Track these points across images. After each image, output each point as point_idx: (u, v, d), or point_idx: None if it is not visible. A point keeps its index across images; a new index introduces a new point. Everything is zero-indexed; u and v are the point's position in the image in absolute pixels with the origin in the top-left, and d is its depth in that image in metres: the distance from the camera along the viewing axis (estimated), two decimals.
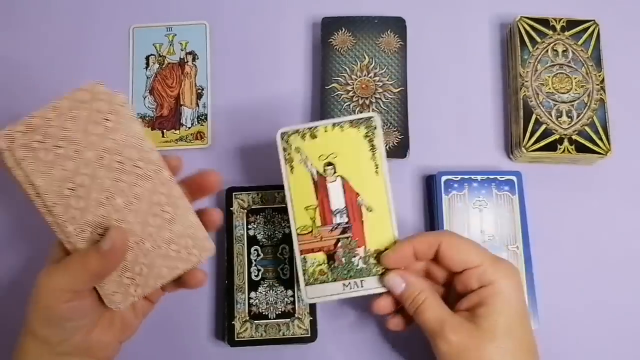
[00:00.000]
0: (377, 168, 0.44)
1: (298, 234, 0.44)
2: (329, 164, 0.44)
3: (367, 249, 0.44)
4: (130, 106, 0.39)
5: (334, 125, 0.44)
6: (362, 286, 0.44)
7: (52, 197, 0.37)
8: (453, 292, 0.44)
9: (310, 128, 0.44)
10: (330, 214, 0.45)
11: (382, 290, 0.44)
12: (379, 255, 0.44)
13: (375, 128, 0.44)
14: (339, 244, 0.44)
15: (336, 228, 0.45)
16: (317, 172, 0.45)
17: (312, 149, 0.44)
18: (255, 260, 0.51)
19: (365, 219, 0.44)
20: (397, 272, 0.43)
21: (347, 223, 0.45)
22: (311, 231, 0.44)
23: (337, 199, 0.45)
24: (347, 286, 0.44)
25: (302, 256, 0.45)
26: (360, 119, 0.44)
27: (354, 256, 0.44)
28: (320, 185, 0.45)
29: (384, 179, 0.44)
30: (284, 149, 0.45)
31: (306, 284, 0.44)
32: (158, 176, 0.39)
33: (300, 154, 0.44)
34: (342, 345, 0.52)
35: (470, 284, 0.42)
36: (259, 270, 0.51)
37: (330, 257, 0.44)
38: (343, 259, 0.44)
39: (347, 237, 0.44)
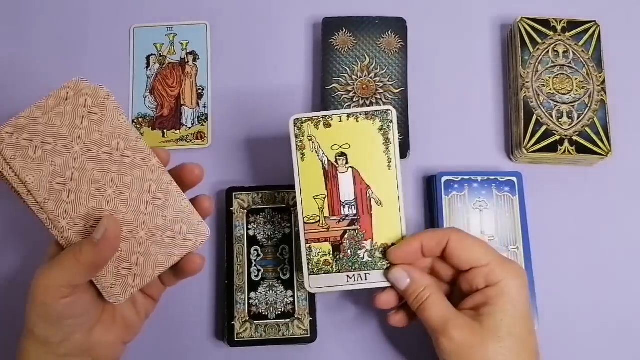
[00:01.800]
0: (389, 162, 0.44)
1: (305, 223, 0.44)
2: (342, 154, 0.44)
3: (374, 243, 0.44)
4: (114, 98, 0.39)
5: (349, 115, 0.44)
6: (366, 279, 0.44)
7: (43, 193, 0.38)
8: (458, 290, 0.44)
9: (325, 116, 0.44)
10: (339, 204, 0.44)
11: (386, 284, 0.44)
12: (385, 249, 0.44)
13: (390, 122, 0.44)
14: (346, 236, 0.44)
15: (344, 219, 0.44)
16: (329, 161, 0.44)
17: (325, 138, 0.44)
18: (255, 261, 0.51)
19: (374, 213, 0.44)
20: (402, 267, 0.43)
21: (355, 215, 0.44)
22: (318, 221, 0.44)
23: (347, 190, 0.44)
24: (350, 278, 0.44)
25: (308, 245, 0.44)
26: (377, 111, 0.44)
27: (360, 249, 0.44)
28: (331, 175, 0.44)
29: (396, 174, 0.44)
30: (296, 136, 0.44)
31: (310, 274, 0.44)
32: (147, 164, 0.40)
33: (313, 142, 0.44)
34: (342, 345, 0.52)
35: (477, 283, 0.41)
36: (259, 270, 0.51)
37: (336, 248, 0.44)
38: (349, 251, 0.44)
39: (355, 230, 0.44)
